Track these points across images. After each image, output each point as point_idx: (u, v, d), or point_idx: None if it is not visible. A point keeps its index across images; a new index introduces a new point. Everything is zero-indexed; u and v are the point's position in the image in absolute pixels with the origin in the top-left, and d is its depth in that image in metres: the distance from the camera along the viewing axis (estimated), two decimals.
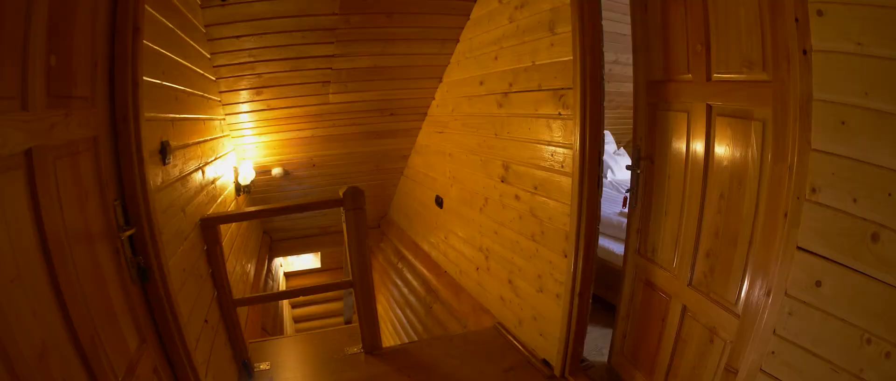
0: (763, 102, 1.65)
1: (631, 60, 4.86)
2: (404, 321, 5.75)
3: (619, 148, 6.43)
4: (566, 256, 2.55)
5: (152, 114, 1.82)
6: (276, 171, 5.03)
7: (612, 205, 4.30)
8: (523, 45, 2.83)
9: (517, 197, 3.07)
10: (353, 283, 3.10)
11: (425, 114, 4.84)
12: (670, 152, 2.24)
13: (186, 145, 2.42)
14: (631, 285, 2.58)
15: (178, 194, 2.14)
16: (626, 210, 2.65)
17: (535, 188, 2.85)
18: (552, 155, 2.65)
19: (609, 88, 5.27)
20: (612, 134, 6.44)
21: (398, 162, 5.68)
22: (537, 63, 2.71)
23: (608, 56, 4.73)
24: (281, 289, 6.90)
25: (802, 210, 1.42)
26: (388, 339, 6.60)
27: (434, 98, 4.59)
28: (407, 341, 5.55)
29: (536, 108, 2.75)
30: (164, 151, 1.93)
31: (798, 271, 1.46)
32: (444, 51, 4.00)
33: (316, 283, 4.40)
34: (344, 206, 2.93)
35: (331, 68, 3.87)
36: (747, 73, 1.75)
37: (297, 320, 8.15)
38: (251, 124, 4.33)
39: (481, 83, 3.48)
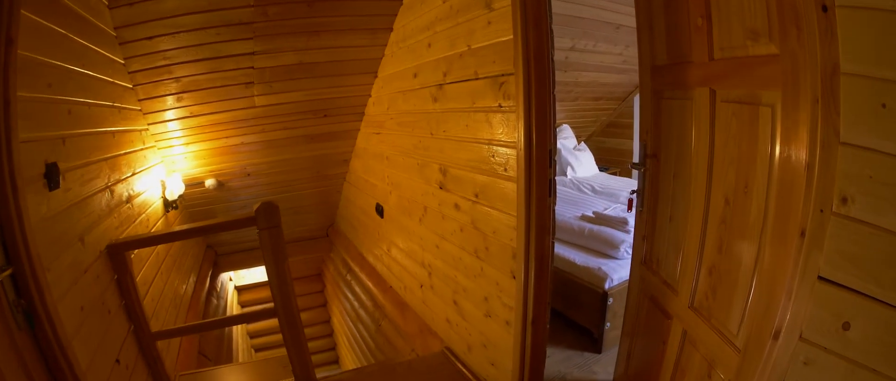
0: (771, 82, 1.26)
1: (589, 47, 4.67)
2: (357, 335, 5.43)
3: (579, 143, 6.11)
4: (515, 277, 2.14)
5: (33, 134, 1.68)
6: (210, 182, 4.59)
7: (571, 207, 3.95)
8: (458, 27, 2.40)
9: (457, 206, 2.65)
10: (275, 311, 2.66)
11: (362, 113, 4.40)
12: (675, 148, 1.88)
13: (86, 164, 2.20)
14: (636, 300, 2.22)
15: (73, 221, 1.96)
16: (630, 215, 2.27)
17: (477, 196, 2.43)
18: (493, 156, 2.23)
19: (566, 77, 4.99)
20: (572, 128, 6.15)
21: (340, 167, 5.26)
22: (473, 47, 2.29)
23: (564, 42, 4.40)
24: (229, 305, 6.46)
25: (828, 227, 1.03)
26: (346, 352, 6.43)
27: (371, 95, 4.13)
28: (361, 355, 5.35)
29: (474, 100, 2.33)
30: (50, 175, 1.76)
31: (818, 307, 1.07)
32: (377, 42, 3.58)
33: (269, 296, 3.93)
34: (257, 224, 2.49)
35: (253, 67, 3.47)
36: (752, 46, 1.37)
37: (252, 335, 7.70)
38: (177, 133, 3.90)
39: (415, 75, 3.04)
